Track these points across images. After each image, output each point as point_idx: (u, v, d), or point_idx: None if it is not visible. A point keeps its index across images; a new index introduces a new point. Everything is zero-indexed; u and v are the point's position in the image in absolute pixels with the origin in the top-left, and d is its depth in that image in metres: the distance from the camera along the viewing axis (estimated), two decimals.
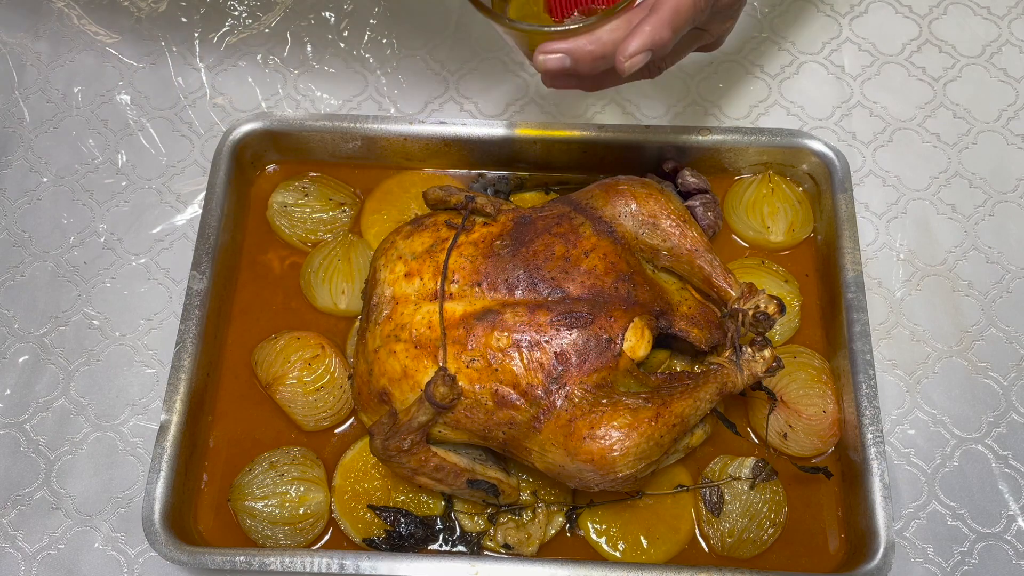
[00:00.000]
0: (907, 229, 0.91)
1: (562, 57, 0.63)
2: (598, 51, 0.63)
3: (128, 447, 0.83)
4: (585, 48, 0.63)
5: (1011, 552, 0.78)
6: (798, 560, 0.76)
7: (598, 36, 0.63)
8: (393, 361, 0.69)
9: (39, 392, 0.85)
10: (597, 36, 0.63)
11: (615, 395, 0.67)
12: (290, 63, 1.01)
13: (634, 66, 0.62)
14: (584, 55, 0.63)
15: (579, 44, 0.63)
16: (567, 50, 0.63)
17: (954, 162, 0.94)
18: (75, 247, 0.91)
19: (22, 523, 0.80)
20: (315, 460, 0.79)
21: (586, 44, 0.63)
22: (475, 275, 0.71)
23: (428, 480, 0.72)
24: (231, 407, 0.82)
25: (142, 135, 0.97)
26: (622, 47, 0.62)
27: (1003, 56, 1.00)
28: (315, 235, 0.88)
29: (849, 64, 1.00)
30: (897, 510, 0.79)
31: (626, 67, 0.62)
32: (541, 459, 0.68)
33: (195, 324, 0.80)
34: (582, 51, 0.63)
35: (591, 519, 0.77)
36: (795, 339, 0.84)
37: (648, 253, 0.75)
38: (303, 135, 0.89)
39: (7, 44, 1.02)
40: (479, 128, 0.88)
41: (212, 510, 0.78)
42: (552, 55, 0.63)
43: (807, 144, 0.87)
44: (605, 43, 0.63)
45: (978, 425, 0.83)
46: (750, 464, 0.77)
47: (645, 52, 0.62)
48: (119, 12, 1.03)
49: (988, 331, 0.86)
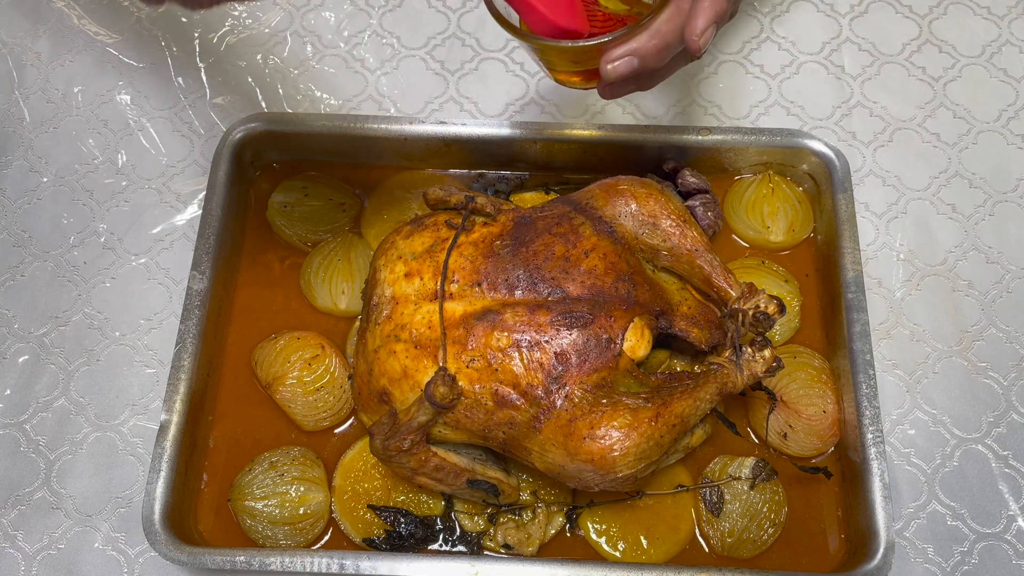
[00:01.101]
0: (907, 229, 0.91)
1: (630, 60, 0.64)
2: (661, 43, 0.64)
3: (128, 447, 0.83)
4: (649, 44, 0.64)
5: (1011, 552, 0.78)
6: (798, 560, 0.76)
7: (657, 29, 0.64)
8: (393, 361, 0.69)
9: (39, 392, 0.85)
10: (656, 29, 0.64)
11: (615, 395, 0.67)
12: (290, 63, 1.00)
13: (708, 41, 0.64)
14: (650, 50, 0.64)
15: (642, 42, 0.64)
16: (632, 51, 0.64)
17: (954, 162, 0.94)
18: (75, 247, 0.91)
19: (22, 523, 0.80)
20: (315, 460, 0.79)
21: (648, 40, 0.64)
22: (475, 275, 0.71)
23: (428, 480, 0.72)
24: (231, 407, 0.82)
25: (142, 135, 0.97)
26: (690, 26, 0.63)
27: (1003, 56, 0.99)
28: (315, 235, 0.88)
29: (849, 64, 1.00)
30: (897, 510, 0.79)
31: (700, 44, 0.64)
32: (541, 459, 0.68)
33: (195, 324, 0.80)
34: (647, 48, 0.64)
35: (591, 519, 0.77)
36: (795, 339, 0.84)
37: (648, 253, 0.75)
38: (303, 135, 0.89)
39: (7, 44, 1.02)
40: (479, 128, 0.88)
41: (212, 510, 0.78)
42: (619, 61, 0.64)
43: (807, 144, 0.87)
44: (666, 33, 0.64)
45: (978, 425, 0.83)
46: (750, 464, 0.77)
47: (712, 26, 0.63)
48: (119, 12, 1.03)
49: (988, 331, 0.86)
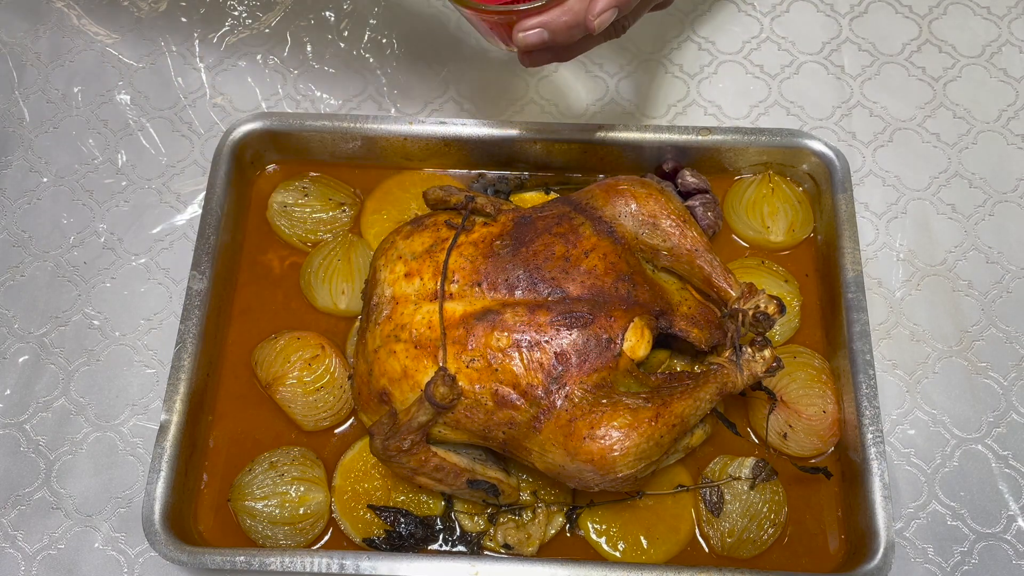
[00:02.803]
0: (907, 229, 0.91)
1: (540, 31, 0.66)
2: (571, 20, 0.66)
3: (128, 447, 0.83)
4: (560, 19, 0.66)
5: (1011, 552, 0.78)
6: (798, 560, 0.76)
7: (569, 6, 0.66)
8: (393, 361, 0.69)
9: (39, 392, 0.85)
10: (568, 6, 0.66)
11: (615, 395, 0.67)
12: (290, 63, 1.00)
13: (603, 24, 0.66)
14: (560, 26, 0.66)
15: (553, 16, 0.66)
16: (543, 23, 0.66)
17: (954, 162, 0.94)
18: (75, 247, 0.91)
19: (22, 523, 0.80)
20: (315, 460, 0.79)
21: (560, 15, 0.66)
22: (475, 275, 0.70)
23: (428, 480, 0.72)
24: (231, 407, 0.82)
25: (142, 135, 0.97)
26: (590, 7, 0.65)
27: (1003, 56, 0.99)
28: (315, 235, 0.88)
29: (849, 64, 1.00)
30: (897, 510, 0.79)
31: (596, 25, 0.65)
32: (541, 459, 0.68)
33: (195, 324, 0.80)
34: (557, 22, 0.66)
35: (591, 519, 0.77)
36: (795, 339, 0.84)
37: (648, 253, 0.75)
38: (303, 135, 0.89)
39: (7, 44, 1.02)
40: (479, 128, 0.88)
41: (212, 510, 0.78)
42: (531, 31, 0.66)
43: (807, 144, 0.87)
44: (577, 11, 0.66)
45: (978, 425, 0.83)
46: (750, 464, 0.77)
47: (612, 9, 0.65)
48: (119, 12, 1.03)
49: (988, 331, 0.86)
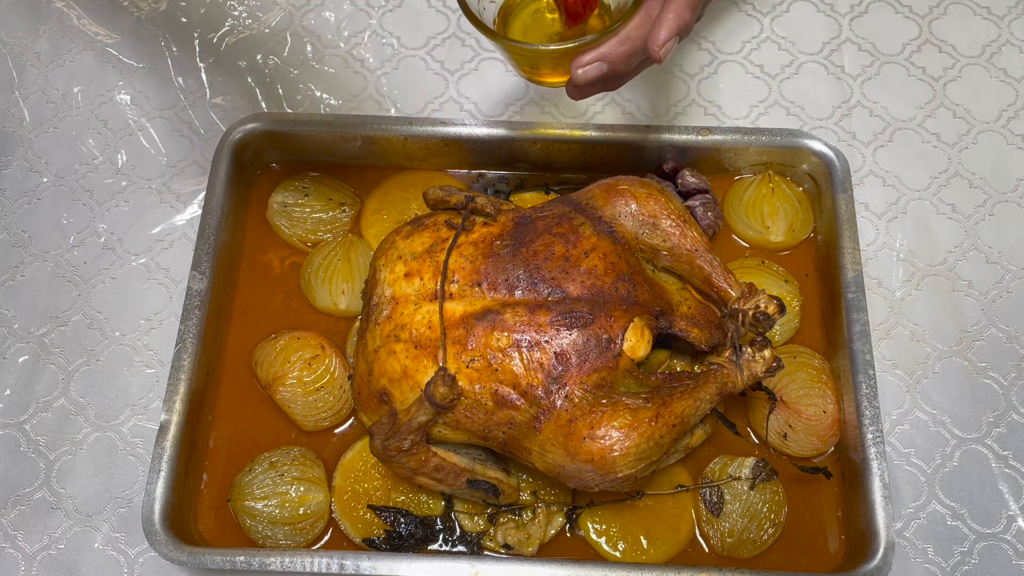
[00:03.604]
0: (907, 229, 0.91)
1: (599, 64, 0.66)
2: (630, 49, 0.66)
3: (128, 447, 0.83)
4: (618, 50, 0.66)
5: (1011, 552, 0.78)
6: (798, 560, 0.76)
7: (627, 35, 0.66)
8: (393, 361, 0.69)
9: (39, 392, 0.85)
10: (626, 35, 0.66)
11: (615, 395, 0.67)
12: (290, 63, 1.00)
13: (668, 53, 0.65)
14: (619, 56, 0.66)
15: (612, 47, 0.66)
16: (602, 56, 0.66)
17: (954, 162, 0.94)
18: (75, 247, 0.91)
19: (22, 523, 0.80)
20: (315, 460, 0.79)
21: (618, 46, 0.66)
22: (475, 275, 0.70)
23: (428, 480, 0.72)
24: (231, 407, 0.82)
25: (142, 135, 0.97)
26: (653, 37, 0.65)
27: (1003, 56, 0.99)
28: (315, 235, 0.88)
29: (849, 64, 1.00)
30: (897, 510, 0.79)
31: (661, 55, 0.65)
32: (541, 459, 0.68)
33: (195, 324, 0.80)
34: (616, 53, 0.66)
35: (591, 519, 0.77)
36: (795, 339, 0.84)
37: (648, 253, 0.75)
38: (303, 135, 0.89)
39: (7, 44, 1.02)
40: (479, 128, 0.88)
41: (212, 510, 0.78)
42: (590, 66, 0.66)
43: (807, 144, 0.87)
44: (635, 39, 0.66)
45: (978, 425, 0.83)
46: (750, 464, 0.77)
47: (675, 37, 0.65)
48: (119, 12, 1.03)
49: (988, 331, 0.86)
